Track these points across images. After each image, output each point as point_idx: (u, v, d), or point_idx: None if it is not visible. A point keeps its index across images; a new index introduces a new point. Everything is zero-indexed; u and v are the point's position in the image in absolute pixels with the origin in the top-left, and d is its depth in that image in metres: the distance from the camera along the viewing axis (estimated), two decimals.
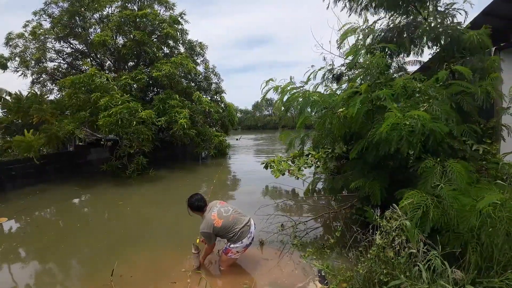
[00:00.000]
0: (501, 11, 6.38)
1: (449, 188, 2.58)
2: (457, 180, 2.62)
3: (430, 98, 3.21)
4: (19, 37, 13.75)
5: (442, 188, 2.60)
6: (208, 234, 3.55)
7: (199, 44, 16.79)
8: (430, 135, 2.87)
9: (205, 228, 3.55)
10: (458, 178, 2.62)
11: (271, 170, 8.10)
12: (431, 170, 2.79)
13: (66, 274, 4.07)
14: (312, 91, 4.04)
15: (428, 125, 2.77)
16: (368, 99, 3.34)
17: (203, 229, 3.56)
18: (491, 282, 2.40)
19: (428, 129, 2.79)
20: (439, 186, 2.63)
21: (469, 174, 2.73)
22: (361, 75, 3.99)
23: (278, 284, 3.45)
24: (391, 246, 2.51)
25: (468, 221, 2.34)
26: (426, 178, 2.78)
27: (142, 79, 12.40)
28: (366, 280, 2.66)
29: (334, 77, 5.86)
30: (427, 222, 2.47)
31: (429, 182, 2.72)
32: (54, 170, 10.60)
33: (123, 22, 13.06)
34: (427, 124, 2.76)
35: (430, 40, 4.35)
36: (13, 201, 7.84)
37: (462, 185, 2.60)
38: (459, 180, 2.61)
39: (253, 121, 73.17)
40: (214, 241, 3.69)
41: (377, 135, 2.93)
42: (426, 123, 2.76)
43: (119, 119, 9.48)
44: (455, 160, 2.83)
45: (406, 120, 2.82)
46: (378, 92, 3.26)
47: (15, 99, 11.16)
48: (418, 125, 2.76)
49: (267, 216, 5.24)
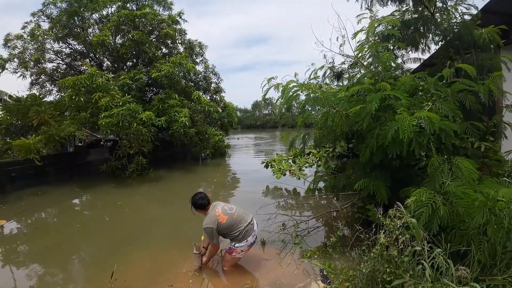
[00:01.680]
0: (501, 8, 6.36)
1: (457, 184, 2.55)
2: (466, 176, 2.59)
3: (433, 96, 3.19)
4: (18, 38, 13.73)
5: (449, 185, 2.57)
6: (211, 230, 3.47)
7: (198, 44, 16.77)
8: (440, 134, 2.87)
9: (209, 223, 3.49)
10: (467, 174, 2.60)
11: (272, 170, 8.06)
12: (437, 167, 2.77)
13: (66, 276, 4.03)
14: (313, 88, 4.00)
15: (437, 124, 2.77)
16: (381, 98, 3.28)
17: (207, 225, 3.49)
18: (493, 279, 2.39)
19: (438, 128, 2.79)
20: (446, 183, 2.61)
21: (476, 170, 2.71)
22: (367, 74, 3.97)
23: (279, 284, 3.43)
24: (395, 244, 2.49)
25: (476, 217, 2.32)
26: (433, 176, 2.74)
27: (141, 79, 12.39)
28: (369, 279, 2.65)
29: (334, 74, 5.84)
30: (434, 220, 2.44)
31: (437, 179, 2.68)
32: (54, 171, 10.57)
33: (122, 22, 13.03)
34: (436, 124, 2.76)
35: (440, 35, 4.35)
36: (13, 203, 7.80)
37: (471, 181, 2.57)
38: (468, 176, 2.59)
39: (253, 120, 73.29)
40: (217, 240, 3.60)
41: (388, 138, 2.91)
42: (435, 123, 2.76)
43: (120, 120, 9.47)
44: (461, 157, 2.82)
45: (413, 121, 2.80)
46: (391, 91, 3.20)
47: (15, 100, 11.14)
48: (428, 126, 2.76)
49: (268, 215, 5.22)
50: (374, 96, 3.16)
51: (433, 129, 2.78)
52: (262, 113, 77.56)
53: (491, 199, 2.34)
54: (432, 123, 2.76)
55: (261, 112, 78.17)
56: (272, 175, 8.18)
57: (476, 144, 3.69)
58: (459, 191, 2.43)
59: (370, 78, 3.73)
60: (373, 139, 3.12)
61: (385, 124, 3.08)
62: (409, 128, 2.74)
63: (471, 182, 2.58)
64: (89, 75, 10.15)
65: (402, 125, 2.79)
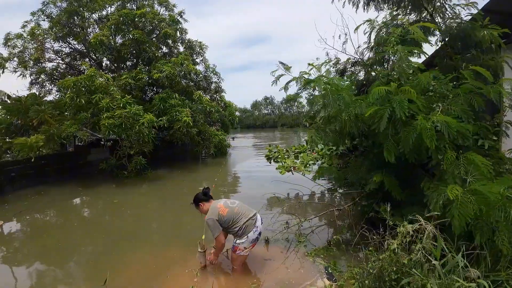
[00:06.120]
0: (500, 8, 6.40)
1: (482, 183, 2.53)
2: (483, 172, 2.62)
3: (443, 97, 3.20)
4: (18, 38, 13.67)
5: (473, 183, 2.58)
6: (213, 221, 3.46)
7: (199, 43, 16.76)
8: (457, 137, 2.92)
9: (210, 215, 3.52)
10: (484, 169, 2.62)
11: (277, 165, 7.95)
12: (452, 163, 2.80)
13: (63, 276, 4.01)
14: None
15: (455, 128, 2.83)
16: None
17: (209, 216, 3.52)
18: (497, 275, 2.43)
19: (455, 132, 2.85)
20: (468, 180, 2.63)
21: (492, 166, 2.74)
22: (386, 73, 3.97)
23: (285, 283, 3.43)
24: (405, 248, 2.50)
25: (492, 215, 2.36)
26: (452, 172, 2.76)
27: (142, 78, 12.38)
28: (376, 278, 2.66)
29: (337, 71, 5.87)
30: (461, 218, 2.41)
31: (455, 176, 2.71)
32: (54, 171, 10.56)
33: (121, 22, 13.01)
34: (454, 127, 2.83)
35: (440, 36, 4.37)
36: (12, 203, 7.79)
37: (488, 177, 2.60)
38: (485, 171, 2.62)
39: (252, 120, 73.27)
40: (220, 232, 3.50)
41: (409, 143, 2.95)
42: (453, 127, 2.82)
43: (122, 122, 9.48)
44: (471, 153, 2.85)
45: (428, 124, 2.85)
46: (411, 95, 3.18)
47: (14, 100, 11.12)
48: (446, 130, 2.82)
49: (271, 214, 5.24)
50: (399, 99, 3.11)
51: (452, 133, 2.83)
52: (261, 113, 77.56)
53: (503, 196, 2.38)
54: (450, 127, 2.81)
55: (261, 112, 78.17)
56: (276, 172, 8.03)
57: (479, 142, 3.71)
58: (485, 189, 2.41)
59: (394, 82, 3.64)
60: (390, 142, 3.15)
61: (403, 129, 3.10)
62: (431, 133, 2.79)
63: (488, 177, 2.59)
64: (89, 76, 10.14)
65: (424, 131, 2.83)
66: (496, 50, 4.23)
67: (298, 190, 7.30)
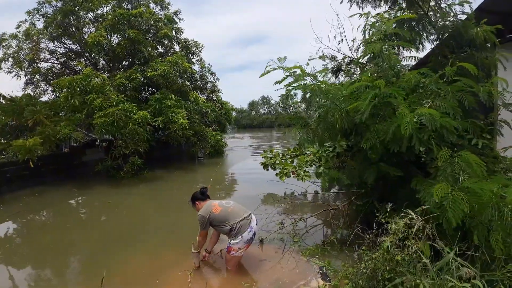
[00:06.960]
0: (495, 7, 6.41)
1: (473, 181, 2.52)
2: (476, 170, 2.60)
3: (432, 94, 3.20)
4: (13, 38, 13.59)
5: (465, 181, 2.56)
6: (202, 217, 3.58)
7: (194, 43, 16.72)
8: (441, 131, 2.90)
9: (202, 212, 3.62)
10: (476, 168, 2.61)
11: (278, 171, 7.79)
12: (446, 160, 2.78)
13: (58, 278, 3.98)
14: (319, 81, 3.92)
15: (438, 121, 2.80)
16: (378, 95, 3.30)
17: (201, 213, 3.63)
18: (492, 275, 2.41)
19: (439, 125, 2.83)
20: (460, 178, 2.61)
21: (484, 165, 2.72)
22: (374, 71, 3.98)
23: (279, 283, 3.42)
24: (398, 246, 2.49)
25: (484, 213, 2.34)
26: (445, 170, 2.74)
27: (137, 78, 12.31)
28: (369, 277, 2.65)
29: (332, 70, 5.88)
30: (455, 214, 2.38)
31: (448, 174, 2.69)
32: (50, 172, 10.50)
33: (117, 21, 12.94)
34: (438, 120, 2.80)
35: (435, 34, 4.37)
36: (8, 204, 7.74)
37: (480, 175, 2.58)
38: (478, 170, 2.60)
39: (249, 120, 73.06)
40: (206, 230, 3.64)
41: (389, 133, 2.94)
42: (436, 120, 2.80)
43: (115, 120, 9.40)
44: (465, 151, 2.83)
45: (414, 118, 2.83)
46: (384, 89, 3.22)
47: (9, 100, 11.00)
48: (429, 123, 2.80)
49: (266, 214, 5.22)
50: (369, 93, 3.21)
51: (435, 125, 2.81)
52: (258, 113, 77.39)
53: (496, 195, 2.36)
54: (434, 119, 2.80)
55: (258, 112, 78.00)
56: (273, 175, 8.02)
57: (473, 141, 3.71)
58: (476, 187, 2.40)
59: (370, 76, 3.73)
60: (373, 133, 3.15)
61: (385, 120, 3.10)
62: (410, 124, 2.77)
63: (480, 176, 2.57)
64: (84, 76, 10.07)
65: (403, 121, 2.81)
66: (492, 49, 4.23)
67: (293, 190, 7.29)
